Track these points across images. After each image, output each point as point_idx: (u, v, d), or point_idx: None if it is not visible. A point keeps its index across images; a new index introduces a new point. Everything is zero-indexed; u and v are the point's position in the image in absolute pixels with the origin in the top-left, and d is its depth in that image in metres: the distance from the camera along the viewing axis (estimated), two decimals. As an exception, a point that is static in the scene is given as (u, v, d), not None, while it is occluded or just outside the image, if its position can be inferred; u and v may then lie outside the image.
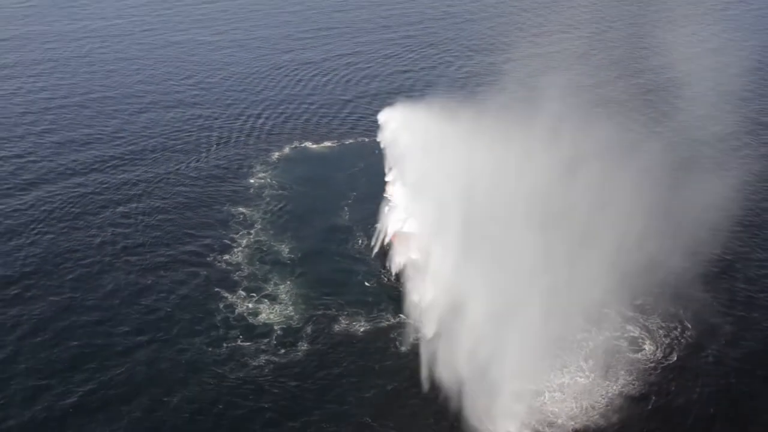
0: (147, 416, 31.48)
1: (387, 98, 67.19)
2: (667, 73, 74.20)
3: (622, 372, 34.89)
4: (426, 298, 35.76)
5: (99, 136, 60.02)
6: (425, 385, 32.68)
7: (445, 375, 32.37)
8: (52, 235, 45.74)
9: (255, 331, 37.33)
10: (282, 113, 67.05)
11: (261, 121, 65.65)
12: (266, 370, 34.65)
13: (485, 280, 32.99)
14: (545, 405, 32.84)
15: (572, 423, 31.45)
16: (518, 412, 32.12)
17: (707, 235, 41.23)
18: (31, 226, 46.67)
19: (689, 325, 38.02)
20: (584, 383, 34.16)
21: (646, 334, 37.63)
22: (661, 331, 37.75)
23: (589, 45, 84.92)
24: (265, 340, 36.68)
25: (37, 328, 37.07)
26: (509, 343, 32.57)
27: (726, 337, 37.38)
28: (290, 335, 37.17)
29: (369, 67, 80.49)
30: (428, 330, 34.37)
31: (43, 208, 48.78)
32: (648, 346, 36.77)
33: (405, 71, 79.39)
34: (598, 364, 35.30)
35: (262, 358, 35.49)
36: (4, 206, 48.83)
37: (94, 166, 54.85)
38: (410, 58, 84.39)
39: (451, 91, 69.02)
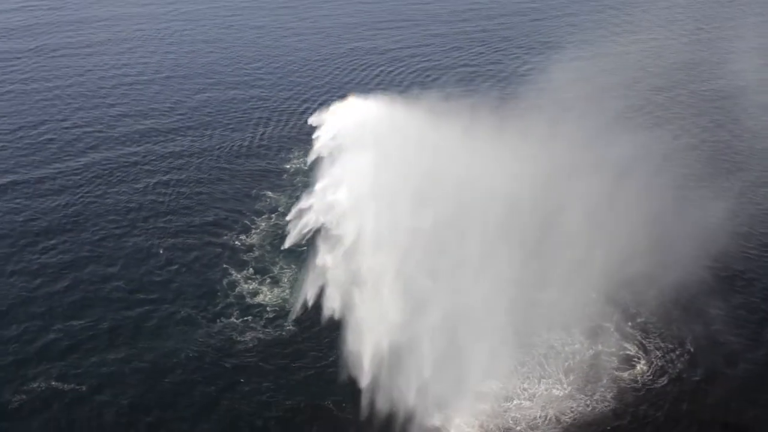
0: (122, 365, 34.20)
1: (440, 91, 67.12)
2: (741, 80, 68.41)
3: (603, 389, 33.04)
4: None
5: (158, 110, 64.32)
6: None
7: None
8: (94, 197, 49.76)
9: (249, 310, 38.48)
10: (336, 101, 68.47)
11: (315, 106, 67.32)
12: (249, 346, 35.82)
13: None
14: (509, 410, 31.84)
15: (514, 424, 30.48)
16: (480, 412, 31.46)
17: (723, 248, 38.31)
18: (80, 188, 51.02)
19: (691, 348, 35.30)
20: (558, 395, 32.72)
21: (642, 354, 35.34)
22: (658, 352, 35.30)
23: (672, 45, 79.79)
24: (256, 319, 37.79)
25: (57, 276, 40.98)
26: (476, 344, 32.13)
27: (729, 364, 34.43)
28: (281, 317, 38.01)
29: (434, 59, 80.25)
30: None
31: (93, 172, 53.14)
32: (640, 367, 34.52)
33: (469, 66, 78.36)
34: (579, 378, 33.66)
35: (249, 335, 36.66)
36: (61, 168, 53.63)
37: (147, 137, 58.92)
38: (478, 51, 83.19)
39: (502, 87, 67.69)
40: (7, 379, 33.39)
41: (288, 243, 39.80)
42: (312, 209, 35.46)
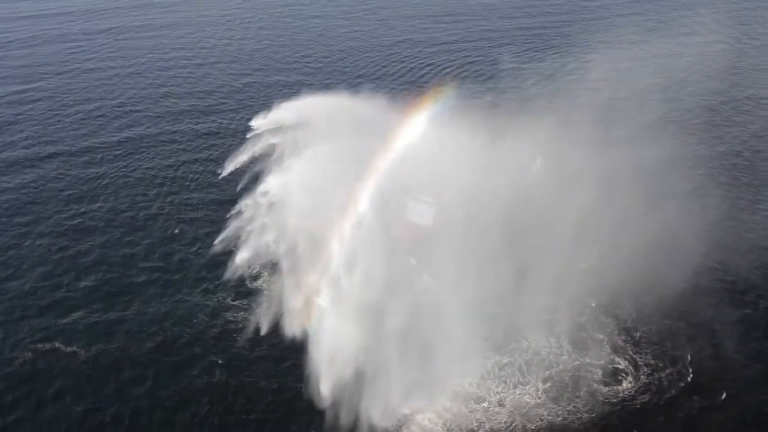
0: (114, 326, 36.19)
1: (475, 90, 66.34)
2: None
3: (579, 402, 31.72)
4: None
5: (203, 91, 66.97)
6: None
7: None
8: (128, 170, 52.67)
9: (245, 292, 38.87)
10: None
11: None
12: (235, 326, 36.50)
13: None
14: (476, 412, 31.15)
15: (477, 426, 30.00)
16: (446, 410, 31.08)
17: (734, 262, 35.94)
18: (116, 161, 54.19)
19: (683, 369, 33.17)
20: (529, 402, 31.68)
21: (631, 369, 33.58)
22: (647, 369, 33.42)
23: (728, 49, 74.66)
24: (250, 301, 37.98)
25: (78, 240, 44.02)
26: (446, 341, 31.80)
27: (719, 389, 32.04)
28: (275, 303, 38.09)
29: (484, 54, 78.96)
30: None
31: (131, 147, 56.21)
32: (626, 383, 32.81)
33: (514, 63, 76.39)
34: (557, 388, 32.46)
35: (240, 315, 37.40)
36: (103, 142, 57.09)
37: (186, 116, 61.67)
38: (531, 47, 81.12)
39: (545, 84, 65.68)
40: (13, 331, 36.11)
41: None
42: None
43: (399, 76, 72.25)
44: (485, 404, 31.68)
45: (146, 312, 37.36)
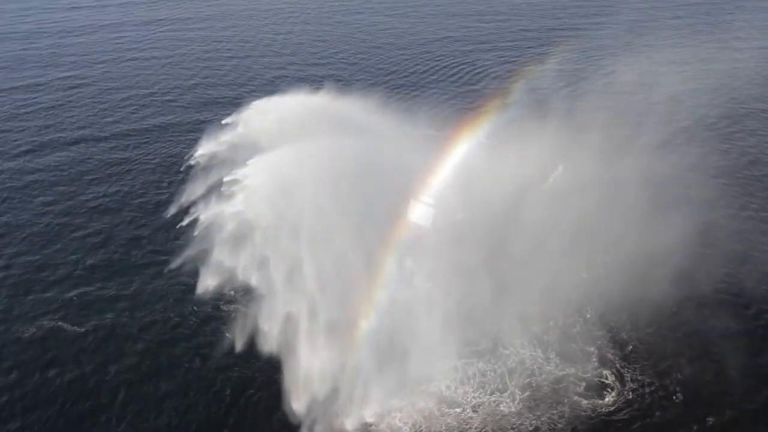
0: (80, 300, 37.74)
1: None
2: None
3: (556, 413, 30.60)
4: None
5: (231, 83, 68.33)
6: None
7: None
8: (146, 157, 54.26)
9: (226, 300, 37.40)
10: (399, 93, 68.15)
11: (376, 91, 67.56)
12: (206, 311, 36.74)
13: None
14: (448, 416, 30.52)
15: None
16: (418, 411, 30.66)
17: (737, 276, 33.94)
18: (136, 147, 56.05)
19: (673, 388, 31.51)
20: (504, 410, 30.80)
21: (618, 384, 32.11)
22: (634, 384, 31.86)
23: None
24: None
25: (89, 219, 45.86)
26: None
27: (705, 412, 30.34)
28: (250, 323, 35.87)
29: (519, 54, 77.39)
30: None
31: (151, 135, 57.89)
32: (609, 398, 31.41)
33: (552, 64, 74.55)
34: (535, 397, 31.48)
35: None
36: (126, 128, 59.03)
37: (210, 107, 62.83)
38: (571, 48, 78.78)
39: (582, 86, 63.77)
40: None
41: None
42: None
43: (433, 74, 71.70)
44: (458, 409, 31.02)
45: (143, 291, 38.55)
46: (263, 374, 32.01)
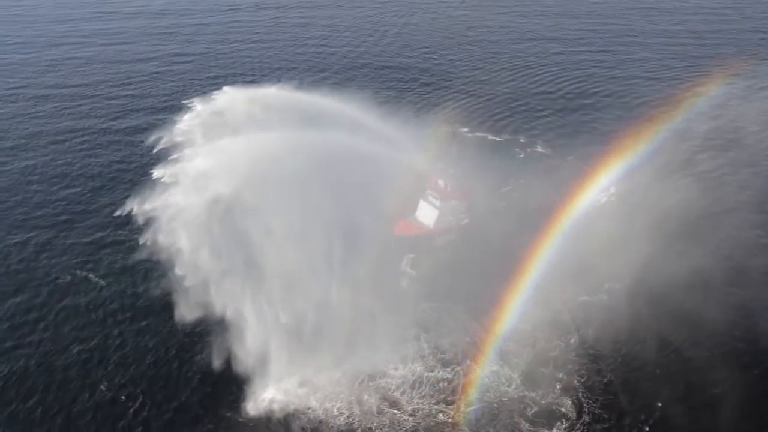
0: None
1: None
2: None
3: (484, 417, 29.67)
4: None
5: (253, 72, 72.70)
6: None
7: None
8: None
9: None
10: (479, 98, 67.50)
11: (450, 95, 67.89)
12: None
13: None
14: (384, 414, 30.34)
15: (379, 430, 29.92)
16: (359, 404, 31.02)
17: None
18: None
19: (628, 429, 28.83)
20: (440, 420, 29.98)
21: (572, 414, 29.90)
22: (588, 417, 29.58)
23: None
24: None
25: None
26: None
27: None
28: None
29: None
30: None
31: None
32: (556, 428, 29.38)
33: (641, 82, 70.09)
34: (478, 414, 30.37)
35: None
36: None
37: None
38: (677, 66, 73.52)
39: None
40: None
41: None
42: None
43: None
44: (397, 411, 30.75)
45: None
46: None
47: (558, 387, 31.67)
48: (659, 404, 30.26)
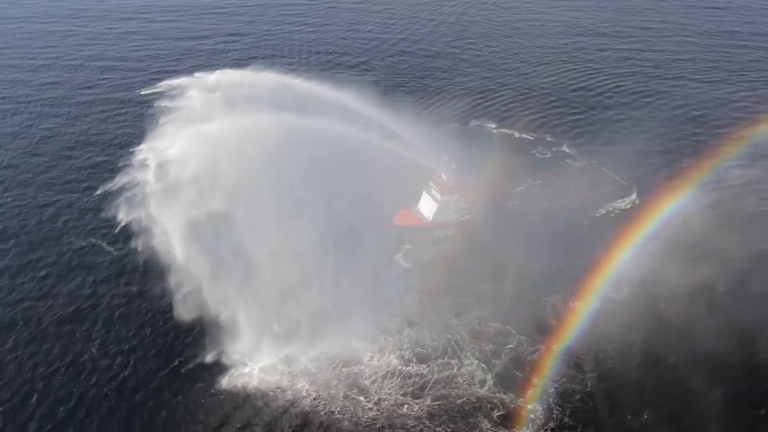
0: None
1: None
2: None
3: (450, 430, 29.20)
4: None
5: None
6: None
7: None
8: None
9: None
10: (513, 93, 65.97)
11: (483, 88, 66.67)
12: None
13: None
14: (349, 399, 30.65)
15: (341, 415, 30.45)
16: (327, 387, 31.58)
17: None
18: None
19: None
20: (403, 412, 29.94)
21: (540, 422, 29.21)
22: (553, 425, 28.92)
23: None
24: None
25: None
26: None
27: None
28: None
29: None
30: None
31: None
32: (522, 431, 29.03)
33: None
34: (442, 410, 30.04)
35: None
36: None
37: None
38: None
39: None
40: None
41: None
42: None
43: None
44: (363, 398, 30.93)
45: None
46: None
47: (530, 392, 31.07)
48: (636, 422, 29.17)
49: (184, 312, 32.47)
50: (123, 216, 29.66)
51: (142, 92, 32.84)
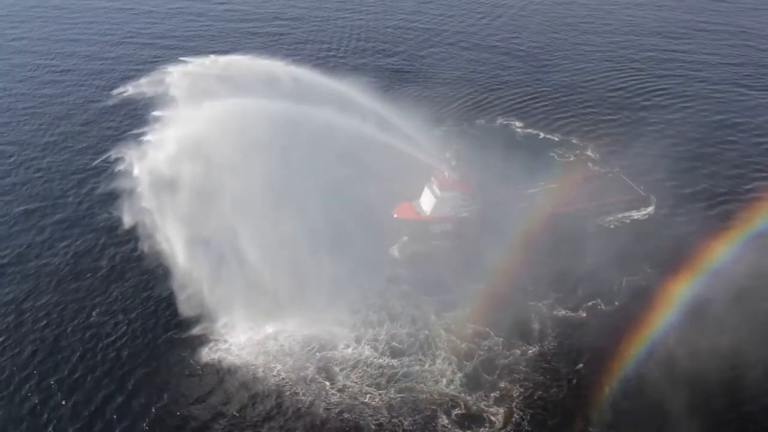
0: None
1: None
2: None
3: (408, 423, 29.38)
4: None
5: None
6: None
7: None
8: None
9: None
10: (536, 97, 64.29)
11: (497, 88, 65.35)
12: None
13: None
14: (314, 383, 31.32)
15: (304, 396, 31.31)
16: (295, 371, 32.36)
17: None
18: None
19: None
20: (364, 401, 30.42)
21: (498, 425, 29.10)
22: (514, 428, 28.73)
23: None
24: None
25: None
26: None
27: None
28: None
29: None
30: None
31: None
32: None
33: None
34: (403, 403, 30.31)
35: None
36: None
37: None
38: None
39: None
40: None
41: None
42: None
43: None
44: (329, 383, 31.57)
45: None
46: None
47: (495, 394, 30.85)
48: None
49: (167, 286, 34.20)
50: (104, 187, 31.54)
51: (116, 91, 34.06)
